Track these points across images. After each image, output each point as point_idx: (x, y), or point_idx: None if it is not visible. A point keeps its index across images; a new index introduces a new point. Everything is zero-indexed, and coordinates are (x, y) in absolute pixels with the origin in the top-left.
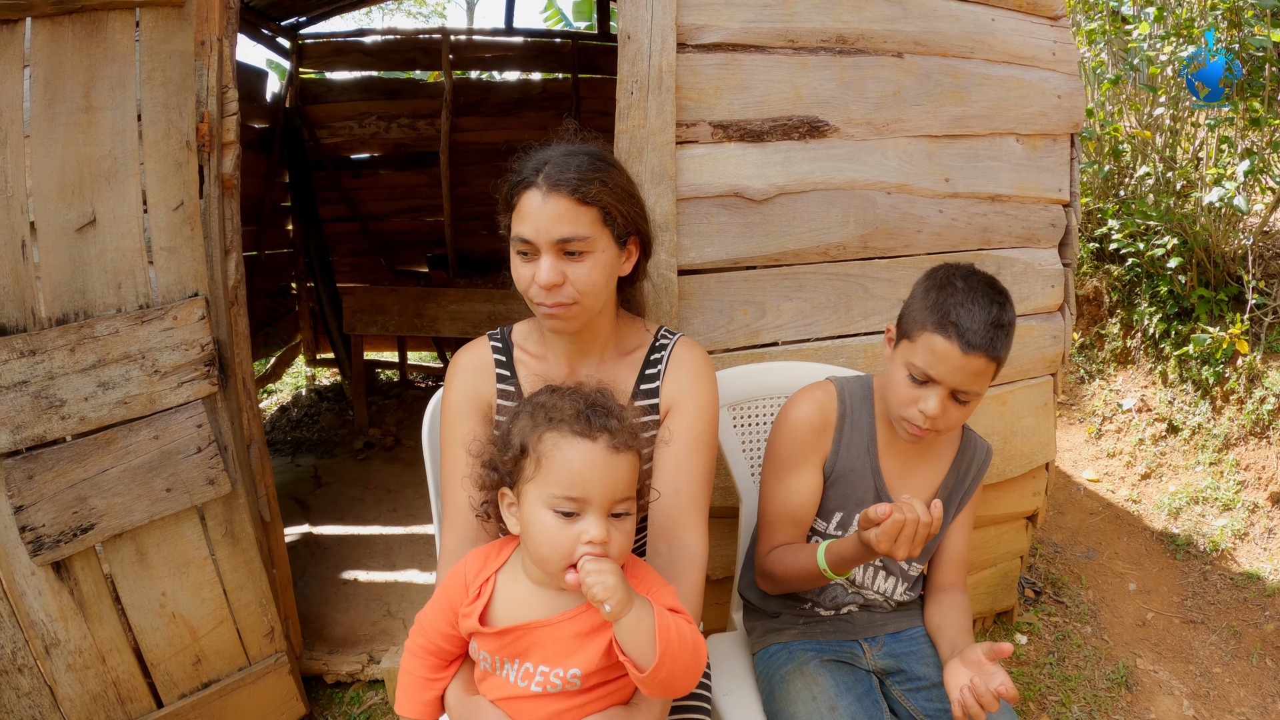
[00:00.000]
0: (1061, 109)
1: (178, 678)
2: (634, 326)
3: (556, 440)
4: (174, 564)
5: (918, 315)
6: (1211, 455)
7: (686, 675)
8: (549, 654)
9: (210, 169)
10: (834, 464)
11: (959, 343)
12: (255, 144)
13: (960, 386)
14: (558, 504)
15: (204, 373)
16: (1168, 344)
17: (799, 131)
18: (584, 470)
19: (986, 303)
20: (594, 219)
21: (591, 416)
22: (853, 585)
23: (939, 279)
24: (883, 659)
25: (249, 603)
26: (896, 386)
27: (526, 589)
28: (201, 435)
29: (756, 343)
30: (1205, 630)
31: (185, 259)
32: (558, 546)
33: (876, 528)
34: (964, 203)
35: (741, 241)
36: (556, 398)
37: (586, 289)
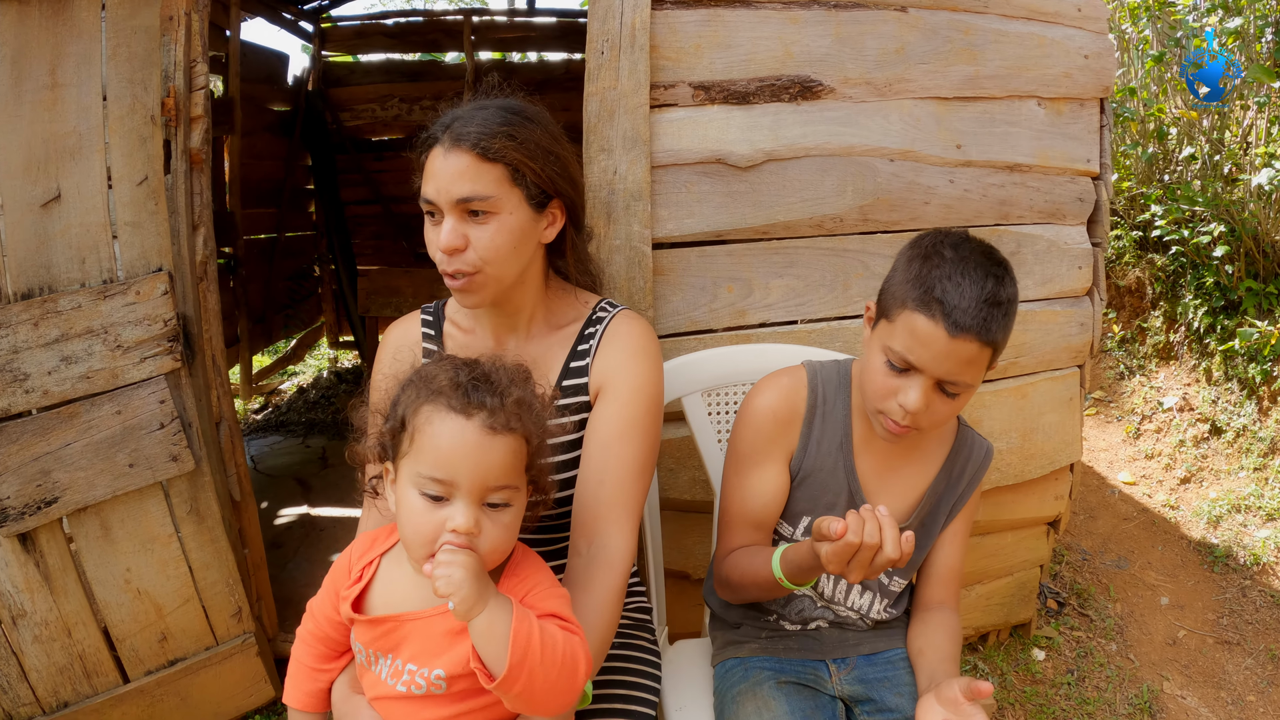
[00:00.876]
0: (1089, 70)
1: (143, 654)
2: (568, 299)
3: (430, 415)
4: (138, 540)
5: (898, 290)
6: (1256, 460)
7: (552, 694)
8: (418, 651)
9: (177, 143)
10: (801, 461)
11: (945, 323)
12: (276, 127)
13: (947, 376)
14: (424, 485)
15: (167, 348)
16: (1213, 339)
17: (789, 93)
18: (452, 450)
19: (980, 275)
20: (499, 177)
21: (470, 390)
22: (822, 599)
23: (924, 247)
24: (851, 684)
25: (215, 582)
26: (872, 375)
27: (408, 577)
28: (164, 411)
29: (743, 323)
30: (1241, 653)
31: (149, 234)
32: (421, 531)
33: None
34: (978, 172)
35: (725, 212)
36: (440, 367)
37: (489, 255)
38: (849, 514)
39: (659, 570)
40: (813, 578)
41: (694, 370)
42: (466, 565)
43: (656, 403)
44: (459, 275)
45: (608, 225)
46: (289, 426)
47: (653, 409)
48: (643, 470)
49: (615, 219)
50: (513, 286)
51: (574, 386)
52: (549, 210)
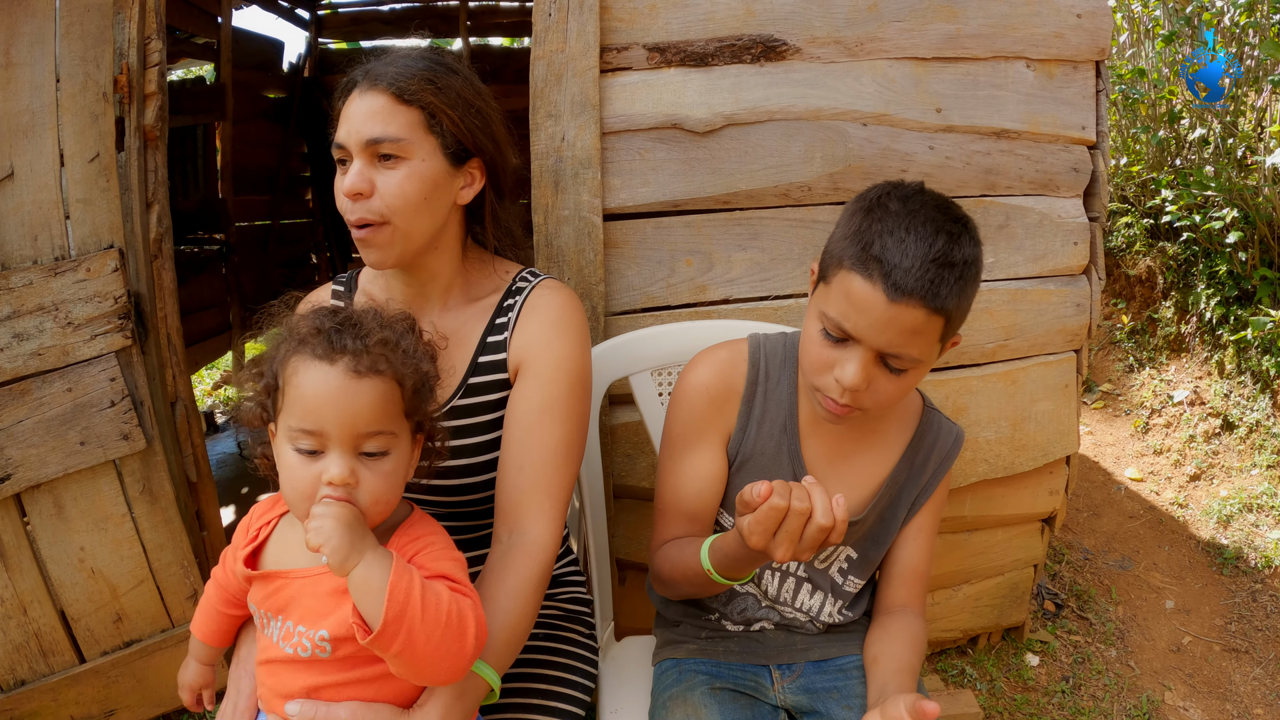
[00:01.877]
0: (1082, 30)
1: (99, 634)
2: (489, 268)
3: (296, 365)
4: (92, 519)
5: (835, 248)
6: (1270, 457)
7: (437, 657)
8: (305, 612)
9: (131, 121)
10: (740, 444)
11: (884, 285)
12: (271, 114)
13: (888, 347)
14: (297, 439)
15: (118, 325)
16: (1225, 330)
17: (751, 53)
18: (317, 398)
19: (929, 231)
20: (414, 121)
21: (333, 335)
22: (766, 598)
23: (869, 200)
24: (795, 693)
25: (169, 563)
26: (808, 345)
27: (300, 536)
28: (115, 389)
29: (704, 299)
30: (1249, 661)
31: (101, 211)
32: (298, 488)
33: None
34: (961, 138)
35: (682, 180)
36: (305, 320)
37: (396, 203)
38: (769, 484)
39: (602, 561)
40: (748, 571)
41: (642, 347)
42: (338, 515)
43: (581, 380)
44: (363, 224)
45: (555, 195)
46: None
47: (577, 387)
48: (567, 453)
49: (563, 188)
50: (425, 249)
51: (491, 363)
52: (467, 168)
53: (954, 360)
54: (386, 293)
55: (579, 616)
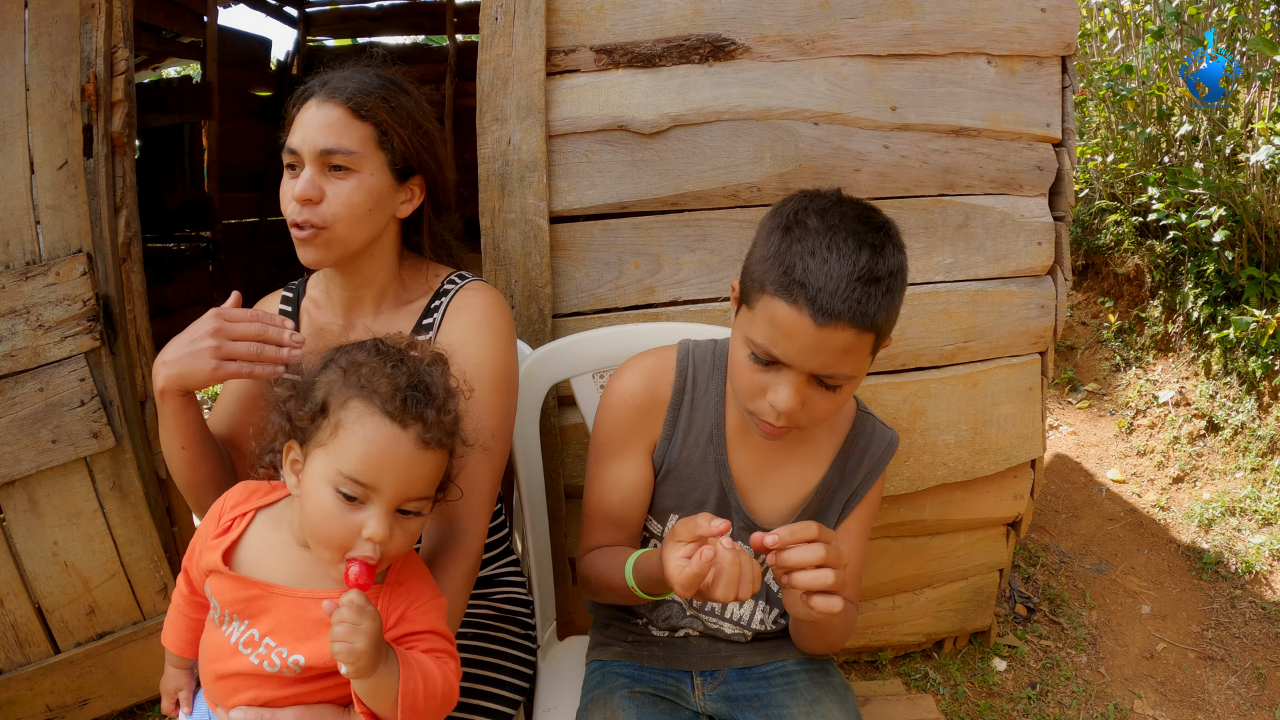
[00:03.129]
0: (1047, 25)
1: (73, 626)
2: (422, 274)
3: (361, 414)
4: (64, 514)
5: (756, 270)
6: (1254, 460)
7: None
8: (281, 629)
9: (99, 128)
10: (665, 454)
11: (809, 310)
12: (259, 112)
13: (820, 370)
14: (343, 484)
15: (87, 327)
16: (1213, 330)
17: (699, 53)
18: (382, 458)
19: (851, 248)
20: (366, 136)
21: (409, 400)
22: (691, 607)
23: (786, 216)
24: (715, 700)
25: (140, 558)
26: (738, 370)
27: (284, 543)
28: (84, 389)
29: (652, 301)
30: (1224, 669)
31: (69, 216)
32: (332, 532)
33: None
34: (917, 136)
35: (629, 182)
36: (379, 360)
37: (342, 213)
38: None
39: (543, 561)
40: (667, 589)
41: (583, 349)
42: (370, 635)
43: (504, 378)
44: (306, 226)
45: (501, 198)
46: None
47: (499, 384)
48: (494, 457)
49: (510, 191)
50: (360, 254)
51: None
52: (409, 184)
53: (911, 363)
54: (326, 297)
55: (514, 616)
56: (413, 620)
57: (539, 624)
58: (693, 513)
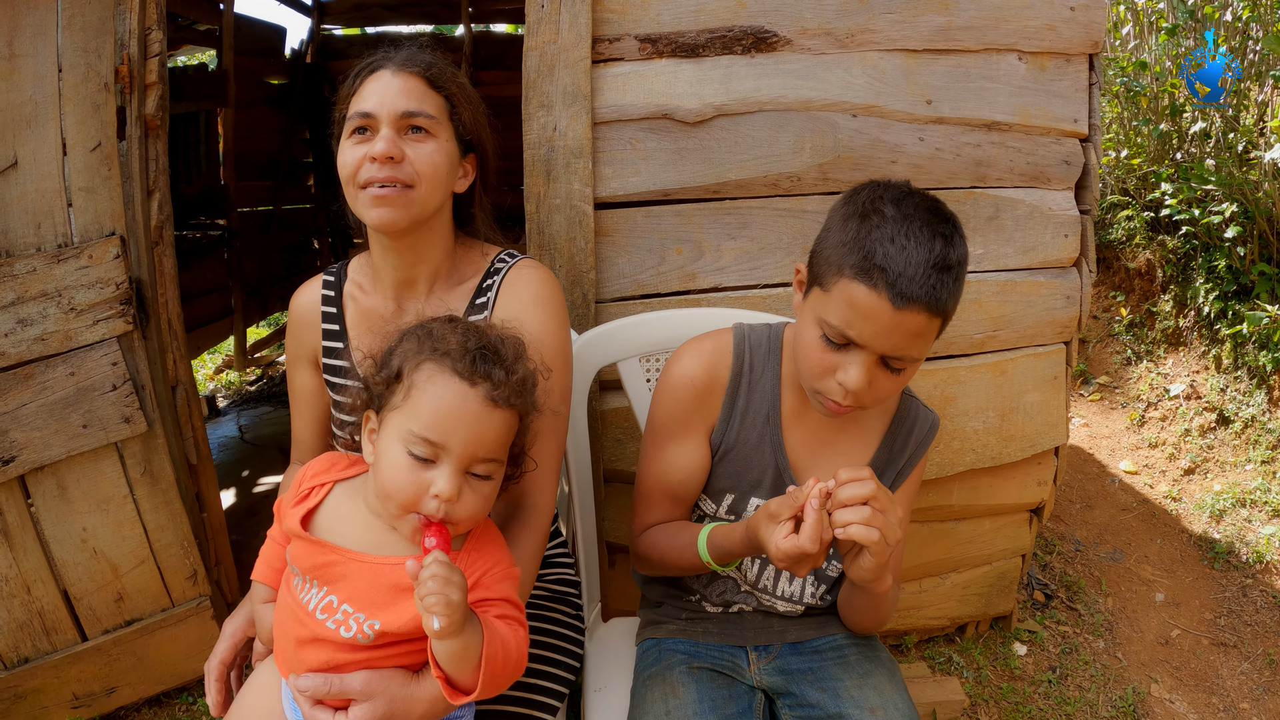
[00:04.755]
0: (1075, 23)
1: (101, 613)
2: (473, 253)
3: (432, 373)
4: (94, 500)
5: (833, 255)
6: (1265, 453)
7: (498, 690)
8: (358, 595)
9: (132, 110)
10: (723, 435)
11: (889, 294)
12: (274, 100)
13: (892, 351)
14: (413, 444)
15: (119, 311)
16: (1223, 325)
17: (742, 44)
18: (450, 414)
19: (927, 236)
20: (440, 106)
21: (478, 359)
22: (746, 583)
23: (861, 204)
24: (771, 674)
25: (170, 544)
26: (806, 350)
27: (359, 513)
28: (116, 373)
29: (693, 287)
30: (1237, 656)
31: (103, 199)
32: (402, 488)
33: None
34: (951, 130)
35: (673, 170)
36: (449, 329)
37: (427, 171)
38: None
39: (590, 543)
40: (739, 559)
41: (630, 334)
42: (462, 589)
43: (562, 354)
44: (390, 184)
45: (547, 184)
46: (281, 397)
47: (558, 360)
48: (558, 429)
49: (555, 177)
50: (426, 226)
51: None
52: (465, 161)
53: (942, 350)
54: (374, 280)
55: (565, 597)
56: (488, 587)
57: (586, 605)
58: (749, 492)
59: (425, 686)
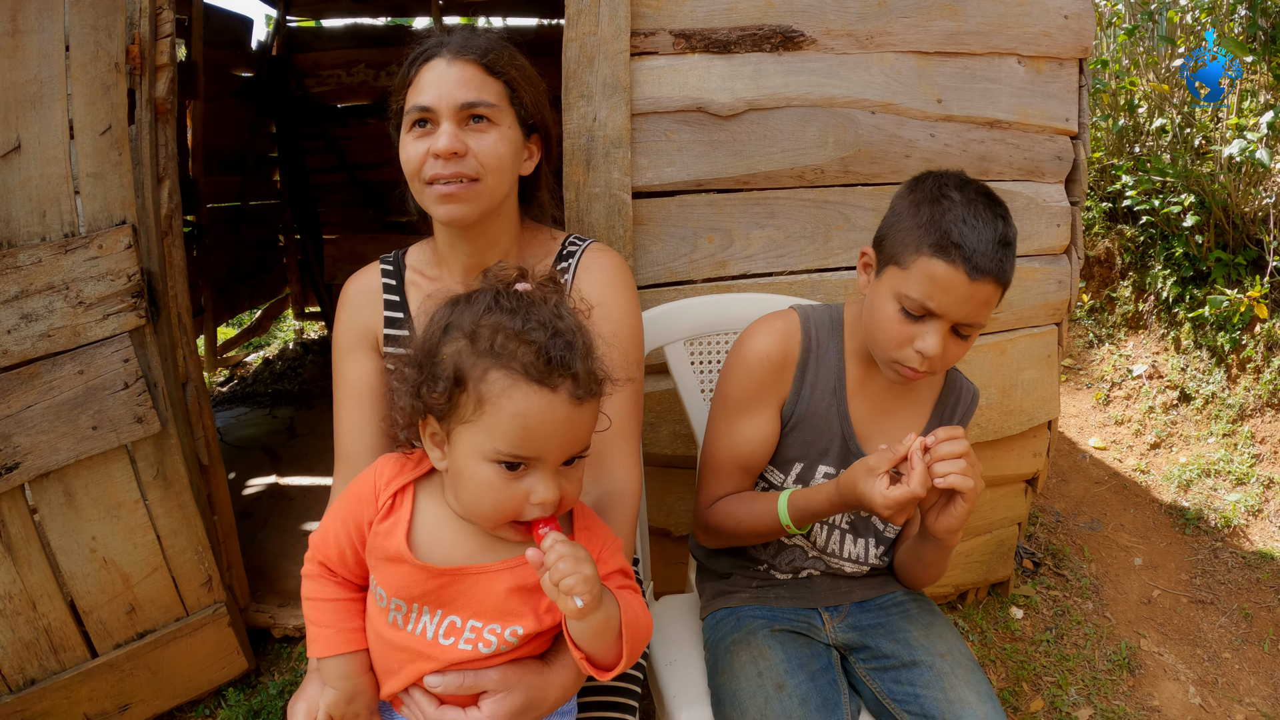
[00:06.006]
0: (1068, 30)
1: (111, 627)
2: (539, 237)
3: (506, 386)
4: (104, 507)
5: (908, 237)
6: (1225, 426)
7: (635, 659)
8: (483, 608)
9: (142, 92)
10: (794, 407)
11: (965, 267)
12: (240, 93)
13: (965, 319)
14: (501, 458)
15: (131, 304)
16: (1181, 308)
17: (771, 42)
18: (539, 429)
19: (990, 217)
20: (500, 92)
21: (554, 358)
22: (814, 548)
23: (929, 190)
24: (845, 632)
25: (184, 549)
26: (885, 323)
27: (450, 519)
28: (128, 370)
29: (723, 274)
30: (1214, 611)
31: (113, 185)
32: (498, 505)
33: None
34: (958, 127)
35: (705, 161)
36: (505, 319)
37: (492, 162)
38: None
39: (643, 524)
40: (815, 522)
41: (676, 318)
42: (592, 563)
43: (640, 334)
44: (456, 180)
45: (587, 173)
46: (255, 398)
47: (638, 340)
48: (637, 401)
49: (595, 166)
50: (495, 213)
51: None
52: (529, 143)
53: None
54: (436, 267)
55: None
56: (605, 561)
57: (644, 584)
58: (817, 460)
59: (558, 672)
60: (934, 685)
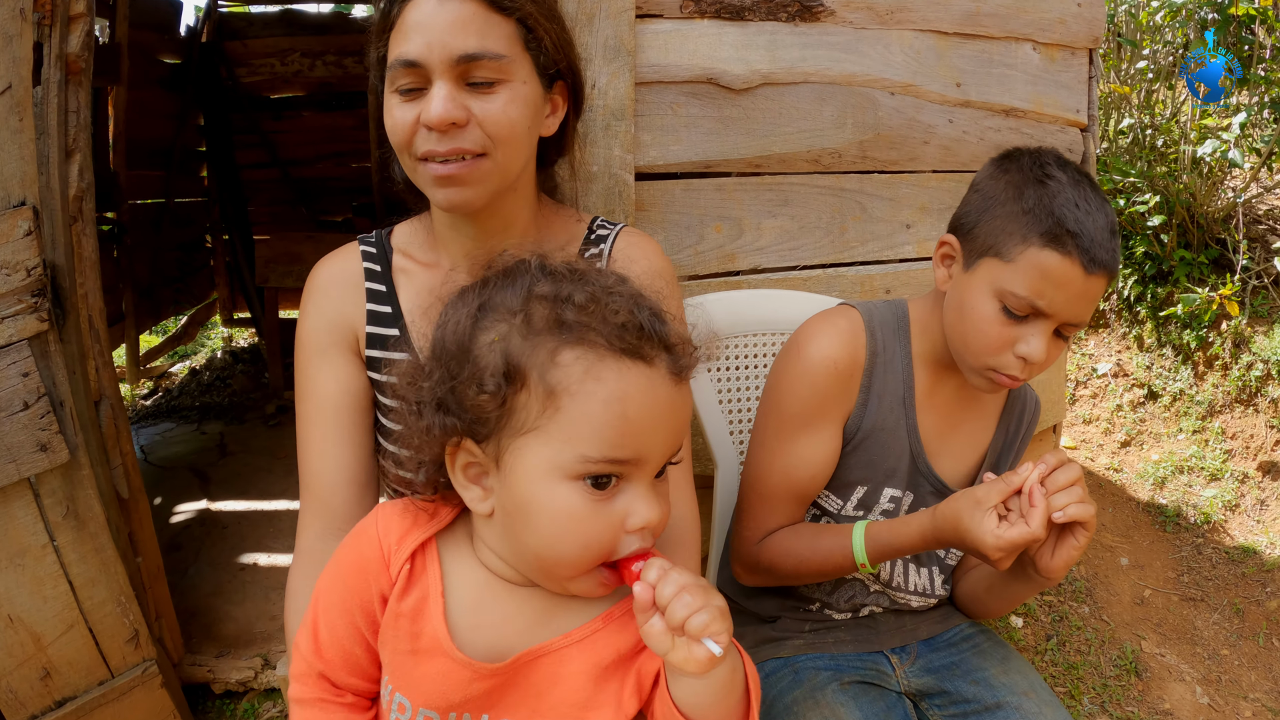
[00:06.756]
0: (1081, 19)
1: (24, 695)
2: (561, 216)
3: (590, 364)
4: (5, 554)
5: (1010, 225)
6: (1195, 423)
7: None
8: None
9: (51, 47)
10: (860, 421)
11: (1082, 259)
12: (167, 81)
13: (1073, 318)
14: (592, 470)
15: (31, 305)
16: (1143, 307)
17: (788, 11)
18: (642, 416)
19: (1100, 200)
20: (511, 35)
21: (644, 322)
22: (876, 582)
23: (1029, 171)
24: (918, 676)
25: (104, 601)
26: (981, 325)
27: (490, 582)
28: (28, 387)
29: (732, 268)
30: (1206, 608)
31: (10, 158)
32: (590, 541)
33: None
34: (976, 113)
35: (715, 140)
36: (561, 284)
37: (503, 131)
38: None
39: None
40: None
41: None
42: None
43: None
44: (456, 157)
45: (584, 148)
46: (182, 412)
47: None
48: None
49: (593, 141)
50: (507, 191)
51: None
52: (552, 94)
53: None
54: (433, 251)
55: None
56: None
57: None
58: (884, 483)
59: None
60: None
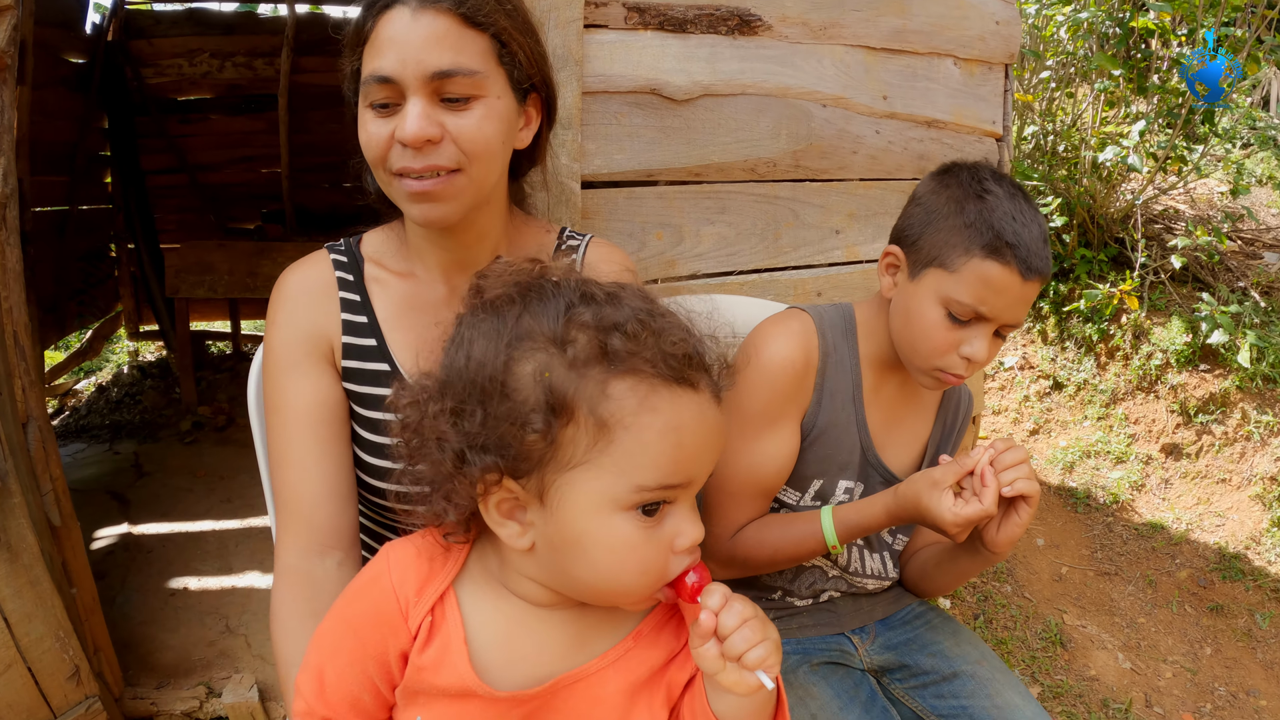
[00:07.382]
0: (999, 36)
1: None
2: (531, 227)
3: (644, 395)
4: None
5: (953, 238)
6: (1099, 410)
7: None
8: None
9: None
10: (815, 418)
11: (1020, 268)
12: (71, 81)
13: (1013, 320)
14: (645, 499)
15: None
16: (1046, 303)
17: (727, 25)
18: (694, 442)
19: (1032, 211)
20: (485, 50)
21: (692, 349)
22: (834, 567)
23: (968, 185)
24: (879, 653)
25: (41, 636)
26: (928, 330)
27: (518, 615)
28: None
29: (673, 274)
30: (1121, 581)
31: None
32: (647, 567)
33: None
34: (901, 125)
35: (657, 149)
36: (606, 310)
37: (478, 148)
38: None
39: None
40: (859, 538)
41: None
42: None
43: None
44: (430, 173)
45: None
46: (92, 431)
47: None
48: None
49: None
50: (482, 204)
51: None
52: (526, 107)
53: None
54: (406, 261)
55: None
56: None
57: None
58: (837, 475)
59: None
60: (979, 694)
